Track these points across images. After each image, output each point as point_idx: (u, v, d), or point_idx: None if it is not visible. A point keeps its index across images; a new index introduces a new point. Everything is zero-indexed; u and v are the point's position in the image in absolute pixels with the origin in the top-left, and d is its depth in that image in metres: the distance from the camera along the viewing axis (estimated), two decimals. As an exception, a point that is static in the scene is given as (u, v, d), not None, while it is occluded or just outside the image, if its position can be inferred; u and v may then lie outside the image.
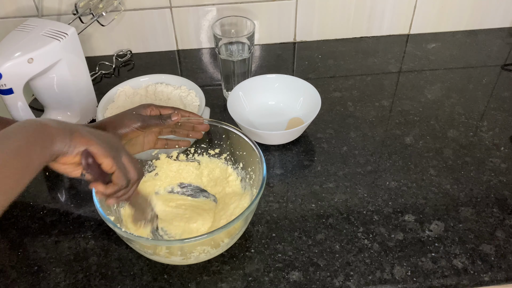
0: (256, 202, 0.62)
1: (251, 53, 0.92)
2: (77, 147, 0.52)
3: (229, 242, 0.65)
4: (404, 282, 0.64)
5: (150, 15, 1.06)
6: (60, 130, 0.50)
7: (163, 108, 0.69)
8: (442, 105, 0.95)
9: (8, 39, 0.78)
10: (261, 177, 0.65)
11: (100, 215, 0.60)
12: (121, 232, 0.59)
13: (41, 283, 0.65)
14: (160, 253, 0.62)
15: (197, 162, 0.78)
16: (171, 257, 0.63)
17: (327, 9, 1.09)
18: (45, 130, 0.49)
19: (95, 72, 1.05)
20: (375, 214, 0.73)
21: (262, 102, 0.92)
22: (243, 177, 0.75)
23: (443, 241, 0.69)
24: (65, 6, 1.01)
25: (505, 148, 0.84)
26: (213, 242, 0.62)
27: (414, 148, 0.85)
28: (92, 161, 0.53)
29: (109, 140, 0.56)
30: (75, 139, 0.51)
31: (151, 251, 0.62)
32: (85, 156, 0.52)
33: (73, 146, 0.51)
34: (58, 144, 0.50)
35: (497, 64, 1.07)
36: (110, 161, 0.54)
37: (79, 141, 0.52)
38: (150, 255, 0.63)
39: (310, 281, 0.64)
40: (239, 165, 0.75)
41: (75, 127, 0.53)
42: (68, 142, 0.51)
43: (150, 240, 0.65)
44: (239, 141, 0.72)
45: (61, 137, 0.50)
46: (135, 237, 0.58)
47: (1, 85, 0.75)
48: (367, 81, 1.02)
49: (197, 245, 0.61)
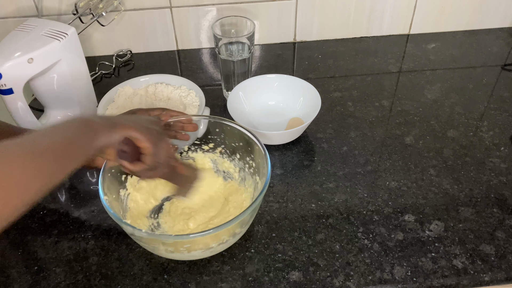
0: (261, 196, 0.62)
1: (251, 53, 0.92)
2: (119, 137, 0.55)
3: (241, 231, 0.66)
4: (404, 282, 0.64)
5: (150, 15, 1.06)
6: (103, 125, 0.53)
7: (152, 110, 0.70)
8: (442, 105, 0.95)
9: (8, 39, 0.78)
10: (264, 161, 0.66)
11: (107, 211, 0.60)
12: (125, 225, 0.59)
13: (41, 283, 0.65)
14: (160, 247, 0.62)
15: (191, 159, 0.79)
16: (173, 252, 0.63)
17: (327, 9, 1.09)
18: (90, 124, 0.52)
19: (95, 72, 1.05)
20: (375, 214, 0.73)
21: (262, 102, 0.92)
22: (241, 168, 0.75)
23: (443, 241, 0.69)
24: (65, 6, 1.01)
25: (505, 148, 0.84)
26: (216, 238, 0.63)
27: (414, 148, 0.85)
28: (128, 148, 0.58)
29: (149, 125, 0.59)
30: (116, 130, 0.55)
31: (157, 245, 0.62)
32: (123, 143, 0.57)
33: (115, 137, 0.55)
34: (102, 137, 0.52)
35: (497, 64, 1.07)
36: (149, 144, 0.57)
37: (120, 131, 0.55)
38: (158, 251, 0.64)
39: (310, 281, 0.64)
40: (235, 156, 0.76)
41: (116, 119, 0.57)
42: (111, 134, 0.54)
43: (152, 234, 0.66)
44: (233, 132, 0.73)
45: (104, 131, 0.53)
46: (139, 232, 0.59)
47: (1, 85, 0.75)
48: (367, 81, 1.02)
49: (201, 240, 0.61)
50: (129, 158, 0.59)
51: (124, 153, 0.59)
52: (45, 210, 0.76)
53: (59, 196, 0.79)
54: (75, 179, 0.81)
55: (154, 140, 0.58)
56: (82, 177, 0.81)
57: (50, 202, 0.77)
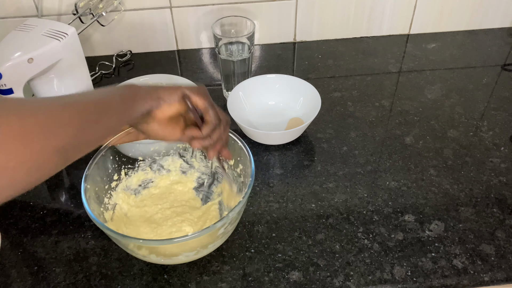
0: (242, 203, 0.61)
1: (251, 53, 0.92)
2: (172, 96, 0.55)
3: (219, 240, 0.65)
4: (404, 282, 0.64)
5: (150, 15, 1.06)
6: (146, 90, 0.54)
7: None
8: (442, 105, 0.95)
9: (8, 39, 0.78)
10: (248, 162, 0.66)
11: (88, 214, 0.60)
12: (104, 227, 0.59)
13: (41, 283, 0.65)
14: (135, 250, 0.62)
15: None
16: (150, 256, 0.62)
17: (327, 9, 1.09)
18: (131, 88, 0.52)
19: (95, 72, 1.05)
20: (375, 214, 0.73)
21: (262, 102, 0.92)
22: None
23: (443, 241, 0.69)
24: (65, 6, 1.01)
25: (505, 148, 0.84)
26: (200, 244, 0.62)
27: (414, 148, 0.85)
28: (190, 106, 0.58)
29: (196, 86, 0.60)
30: (163, 91, 0.55)
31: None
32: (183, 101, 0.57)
33: (163, 98, 0.55)
34: (143, 101, 0.53)
35: (497, 64, 1.07)
36: (204, 100, 0.58)
37: (169, 91, 0.55)
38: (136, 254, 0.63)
39: (310, 281, 0.64)
40: None
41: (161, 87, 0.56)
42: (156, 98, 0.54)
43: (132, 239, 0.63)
44: None
45: (147, 95, 0.53)
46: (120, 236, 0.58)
47: (1, 85, 0.75)
48: (367, 81, 1.02)
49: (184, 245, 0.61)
50: (196, 118, 0.59)
51: (194, 110, 0.58)
52: (45, 210, 0.76)
53: (59, 196, 0.79)
54: (75, 179, 0.81)
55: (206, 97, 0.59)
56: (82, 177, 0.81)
57: (50, 202, 0.77)
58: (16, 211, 0.76)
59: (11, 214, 0.75)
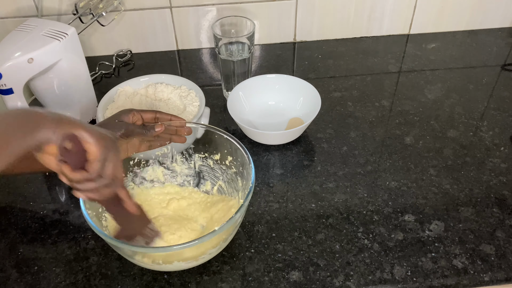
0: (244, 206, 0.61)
1: (251, 53, 0.92)
2: (62, 133, 0.49)
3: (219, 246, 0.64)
4: (404, 282, 0.64)
5: (150, 15, 1.06)
6: (48, 117, 0.48)
7: (145, 112, 0.68)
8: (442, 105, 0.95)
9: (8, 39, 0.78)
10: (248, 167, 0.65)
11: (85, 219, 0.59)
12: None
13: (41, 283, 0.65)
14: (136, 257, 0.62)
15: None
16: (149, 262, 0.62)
17: (327, 9, 1.09)
18: (32, 116, 0.47)
19: (95, 72, 1.05)
20: (375, 214, 0.73)
21: (262, 102, 0.92)
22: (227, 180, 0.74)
23: (443, 241, 0.69)
24: (65, 6, 1.01)
25: (505, 148, 0.84)
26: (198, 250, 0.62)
27: (414, 148, 0.85)
28: (72, 148, 0.50)
29: (103, 132, 0.54)
30: (62, 125, 0.49)
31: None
32: (66, 140, 0.49)
33: (58, 132, 0.48)
34: (43, 130, 0.47)
35: (497, 64, 1.07)
36: (96, 148, 0.51)
37: (66, 126, 0.49)
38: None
39: (310, 281, 0.64)
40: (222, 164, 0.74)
41: (67, 116, 0.50)
42: (54, 128, 0.48)
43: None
44: (222, 141, 0.71)
45: (47, 124, 0.48)
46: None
47: (1, 85, 0.75)
48: (367, 81, 1.02)
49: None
50: (72, 163, 0.51)
51: (67, 155, 0.50)
52: (45, 210, 0.76)
53: (59, 196, 0.79)
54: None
55: (103, 146, 0.52)
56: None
57: (50, 202, 0.77)
58: (16, 211, 0.76)
59: (11, 214, 0.75)
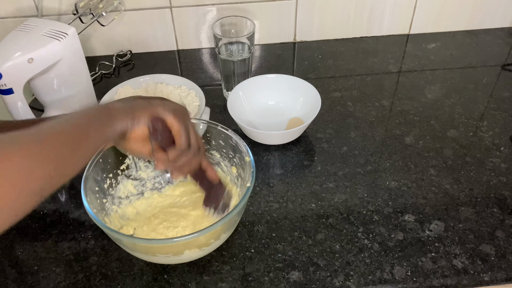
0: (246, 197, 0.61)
1: (251, 53, 0.92)
2: (142, 119, 0.55)
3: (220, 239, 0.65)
4: (404, 282, 0.64)
5: (150, 15, 1.06)
6: (122, 109, 0.53)
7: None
8: (442, 105, 0.95)
9: (8, 39, 0.78)
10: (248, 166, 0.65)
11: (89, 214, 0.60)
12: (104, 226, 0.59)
13: (41, 283, 0.65)
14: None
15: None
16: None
17: (327, 9, 1.09)
18: (106, 109, 0.52)
19: (95, 72, 1.05)
20: (375, 214, 0.73)
21: (262, 102, 0.92)
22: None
23: (443, 241, 0.69)
24: (65, 6, 1.01)
25: (505, 148, 0.84)
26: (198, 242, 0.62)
27: (414, 148, 0.85)
28: (160, 128, 0.57)
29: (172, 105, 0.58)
30: (138, 113, 0.55)
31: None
32: (153, 123, 0.56)
33: (137, 120, 0.55)
34: (119, 121, 0.52)
35: (497, 64, 1.07)
36: (177, 122, 0.57)
37: (143, 113, 0.55)
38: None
39: (310, 281, 0.64)
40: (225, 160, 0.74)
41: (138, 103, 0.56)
42: (131, 118, 0.54)
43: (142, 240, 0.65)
44: (220, 136, 0.72)
45: (122, 115, 0.53)
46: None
47: (1, 85, 0.75)
48: (367, 81, 1.02)
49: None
50: (162, 142, 0.58)
51: (156, 135, 0.57)
52: (45, 210, 0.76)
53: (59, 196, 0.79)
54: (75, 179, 0.81)
55: (180, 118, 0.57)
56: (82, 177, 0.81)
57: (50, 202, 0.77)
58: (16, 211, 0.75)
59: (11, 214, 0.75)
